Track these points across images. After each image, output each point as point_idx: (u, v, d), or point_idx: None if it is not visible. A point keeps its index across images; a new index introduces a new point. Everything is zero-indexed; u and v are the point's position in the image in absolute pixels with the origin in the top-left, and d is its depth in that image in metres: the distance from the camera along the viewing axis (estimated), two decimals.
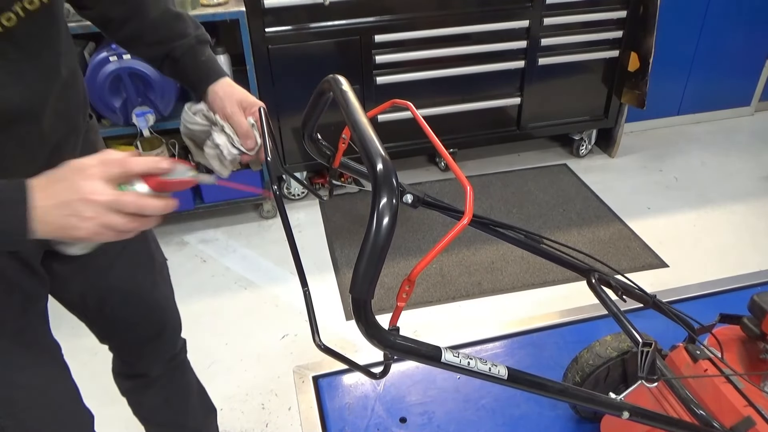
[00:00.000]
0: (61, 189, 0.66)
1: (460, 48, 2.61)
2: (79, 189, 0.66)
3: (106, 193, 0.67)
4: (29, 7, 0.75)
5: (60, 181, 0.67)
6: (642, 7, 2.68)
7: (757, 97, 3.52)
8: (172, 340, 1.29)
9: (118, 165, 0.68)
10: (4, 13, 0.72)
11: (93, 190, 0.66)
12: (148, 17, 0.97)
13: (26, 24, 0.75)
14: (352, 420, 1.77)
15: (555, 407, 1.78)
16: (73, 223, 0.66)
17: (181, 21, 0.99)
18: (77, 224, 0.66)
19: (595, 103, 2.99)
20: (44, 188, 0.67)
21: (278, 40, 2.39)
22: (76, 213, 0.66)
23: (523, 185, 2.94)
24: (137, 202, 0.68)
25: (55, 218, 0.66)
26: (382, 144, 0.66)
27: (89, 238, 0.68)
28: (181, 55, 0.98)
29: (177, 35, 0.98)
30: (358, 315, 0.64)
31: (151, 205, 0.69)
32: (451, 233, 0.64)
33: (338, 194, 2.85)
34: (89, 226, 0.66)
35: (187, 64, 0.98)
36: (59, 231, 0.67)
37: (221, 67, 1.01)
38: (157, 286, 1.19)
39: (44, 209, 0.66)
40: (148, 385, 1.31)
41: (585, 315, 2.11)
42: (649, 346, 0.99)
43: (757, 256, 2.43)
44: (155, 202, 0.69)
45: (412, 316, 2.15)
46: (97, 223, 0.67)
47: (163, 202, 0.70)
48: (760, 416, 1.20)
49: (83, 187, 0.66)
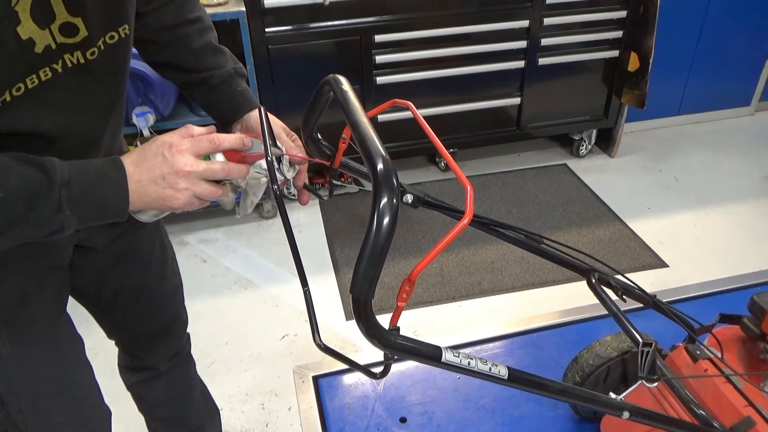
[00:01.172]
0: (155, 164, 0.73)
1: (460, 48, 2.61)
2: (174, 163, 0.73)
3: (197, 165, 0.74)
4: (110, 41, 0.80)
5: (153, 157, 0.74)
6: (642, 7, 2.67)
7: (757, 97, 3.52)
8: (180, 334, 1.31)
9: (208, 141, 0.76)
10: (90, 48, 0.77)
11: (186, 162, 0.73)
12: (191, 46, 1.00)
13: (104, 56, 0.80)
14: (352, 420, 1.77)
15: (555, 407, 1.78)
16: (170, 194, 0.74)
17: (222, 54, 1.03)
18: (174, 195, 0.74)
19: (595, 103, 2.99)
20: (139, 164, 0.74)
21: (278, 40, 2.39)
22: (173, 185, 0.74)
23: (523, 185, 2.94)
24: (225, 168, 0.76)
25: (154, 191, 0.74)
26: (383, 144, 0.66)
27: (184, 207, 0.76)
28: (219, 83, 1.00)
29: (216, 65, 1.01)
30: (359, 315, 0.64)
31: (236, 170, 0.78)
32: (451, 233, 0.64)
33: (338, 194, 2.85)
34: (185, 196, 0.74)
35: (223, 92, 1.01)
36: (157, 202, 0.75)
37: (255, 99, 1.03)
38: (168, 280, 1.21)
39: (141, 183, 0.73)
40: (154, 379, 1.32)
41: (585, 315, 2.11)
42: (649, 346, 0.99)
43: (757, 256, 2.43)
44: (239, 167, 0.78)
45: (412, 316, 2.15)
46: (192, 192, 0.75)
47: (243, 167, 0.79)
48: (760, 416, 1.20)
49: (177, 162, 0.73)
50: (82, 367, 1.05)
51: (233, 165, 0.78)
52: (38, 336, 0.94)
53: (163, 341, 1.27)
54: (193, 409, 1.44)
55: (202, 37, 1.01)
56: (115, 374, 1.34)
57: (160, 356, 1.29)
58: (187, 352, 1.37)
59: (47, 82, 0.73)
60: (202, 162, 0.75)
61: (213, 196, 0.77)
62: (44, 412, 0.98)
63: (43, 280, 0.93)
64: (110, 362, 1.32)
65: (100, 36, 0.78)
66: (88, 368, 1.07)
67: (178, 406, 1.41)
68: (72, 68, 0.76)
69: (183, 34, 0.99)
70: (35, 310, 0.93)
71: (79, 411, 1.05)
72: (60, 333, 1.00)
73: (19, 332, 0.91)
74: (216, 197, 0.79)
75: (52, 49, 0.72)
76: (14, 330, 0.91)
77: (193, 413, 1.44)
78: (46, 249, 0.91)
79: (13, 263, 0.88)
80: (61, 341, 1.00)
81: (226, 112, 1.01)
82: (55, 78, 0.74)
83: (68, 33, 0.73)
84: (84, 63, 0.77)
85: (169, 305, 1.24)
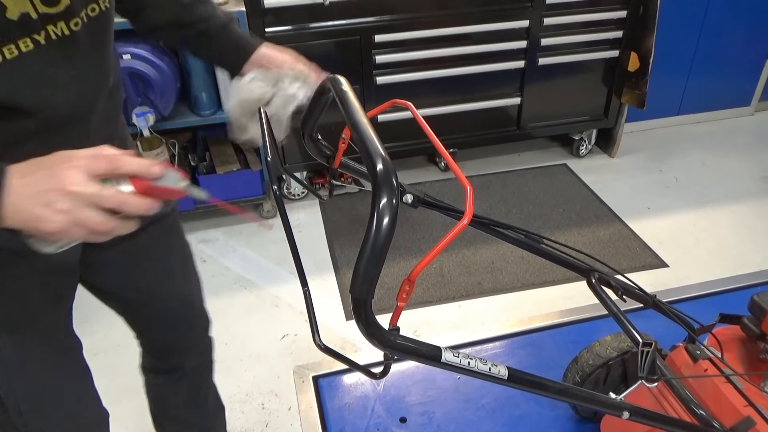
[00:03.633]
0: (40, 177, 0.63)
1: (460, 48, 2.61)
2: (59, 179, 0.62)
3: (86, 186, 0.62)
4: (91, 13, 0.79)
5: (42, 169, 0.63)
6: (642, 7, 2.67)
7: (757, 97, 3.52)
8: (203, 336, 1.31)
9: (107, 161, 0.64)
10: (73, 19, 0.76)
11: (73, 181, 0.62)
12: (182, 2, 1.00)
13: (88, 29, 0.79)
14: (352, 420, 1.77)
15: (555, 407, 1.78)
16: (45, 214, 0.62)
17: (209, 4, 1.03)
18: (48, 216, 0.62)
19: (595, 103, 2.99)
20: (24, 175, 0.63)
21: (278, 40, 2.36)
22: (50, 203, 0.61)
23: (523, 185, 2.94)
24: (118, 197, 0.64)
25: (27, 207, 0.62)
26: (382, 144, 0.66)
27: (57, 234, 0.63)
28: (216, 33, 1.00)
29: (208, 15, 1.01)
30: (359, 315, 0.64)
31: (132, 203, 0.65)
32: (451, 233, 0.64)
33: (338, 194, 2.85)
34: (60, 219, 0.62)
35: (223, 40, 1.01)
36: (29, 222, 0.63)
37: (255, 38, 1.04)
38: (188, 280, 1.21)
39: (18, 197, 0.62)
40: (176, 381, 1.32)
41: (585, 315, 2.11)
42: (649, 346, 0.99)
43: (757, 256, 2.43)
44: (137, 201, 0.65)
45: (412, 316, 2.15)
46: (71, 218, 0.62)
47: (146, 202, 0.66)
48: (760, 416, 1.20)
49: (64, 178, 0.62)
50: (81, 370, 1.05)
51: (131, 197, 0.65)
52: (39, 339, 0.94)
53: (185, 343, 1.28)
54: (206, 413, 1.44)
55: None
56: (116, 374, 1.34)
57: (184, 358, 1.29)
58: (209, 355, 1.37)
59: (29, 53, 0.71)
60: (94, 184, 0.63)
61: (103, 228, 0.64)
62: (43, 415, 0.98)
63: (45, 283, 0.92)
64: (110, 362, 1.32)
65: (82, 7, 0.77)
66: (86, 371, 1.06)
67: (194, 408, 1.41)
68: (56, 41, 0.74)
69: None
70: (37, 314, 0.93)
71: (77, 414, 1.04)
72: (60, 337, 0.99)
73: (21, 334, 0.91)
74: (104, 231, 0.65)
75: (33, 19, 0.71)
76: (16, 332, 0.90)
77: (204, 417, 1.45)
78: None
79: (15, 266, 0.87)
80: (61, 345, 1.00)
81: (234, 60, 1.02)
82: (38, 50, 0.72)
83: (50, 1, 0.72)
84: (69, 35, 0.76)
85: (189, 306, 1.24)
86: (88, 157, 0.64)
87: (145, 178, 0.67)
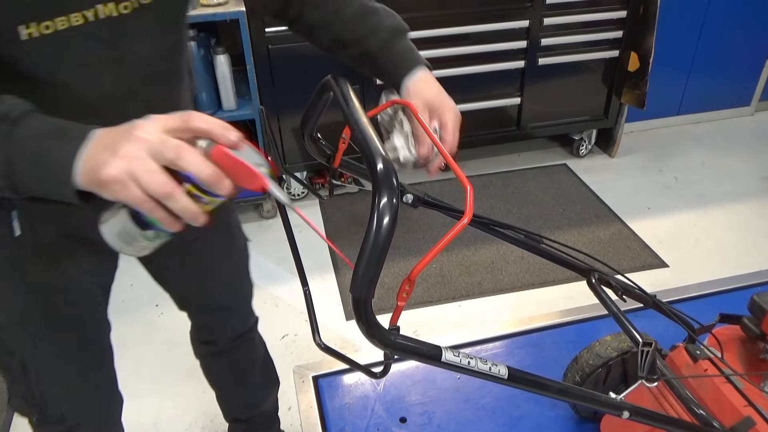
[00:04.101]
0: (118, 130, 0.59)
1: (460, 48, 2.61)
2: (134, 127, 0.58)
3: (155, 134, 0.57)
4: (144, 0, 0.77)
5: (125, 125, 0.59)
6: (642, 7, 2.67)
7: (757, 97, 3.52)
8: (244, 316, 1.35)
9: (180, 115, 0.59)
10: (123, 2, 0.75)
11: (145, 128, 0.57)
12: (344, 17, 0.94)
13: (138, 14, 0.77)
14: (352, 420, 1.77)
15: (555, 407, 1.78)
16: (104, 159, 0.56)
17: (375, 15, 0.95)
18: (106, 161, 0.56)
19: (595, 103, 2.99)
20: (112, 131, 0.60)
21: (278, 40, 2.39)
22: (113, 148, 0.57)
23: (523, 185, 2.94)
24: (181, 148, 0.56)
25: (95, 152, 0.58)
26: (383, 144, 0.66)
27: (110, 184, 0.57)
28: (377, 51, 0.93)
29: (370, 31, 0.93)
30: (359, 315, 0.64)
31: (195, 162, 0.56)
32: (451, 233, 0.64)
33: (338, 194, 2.85)
34: (119, 165, 0.56)
35: (382, 61, 0.93)
36: (93, 171, 0.57)
37: (418, 58, 0.94)
38: (234, 265, 1.23)
39: (93, 145, 0.59)
40: (216, 355, 1.38)
41: (585, 315, 2.11)
42: (649, 346, 0.99)
43: (757, 256, 2.43)
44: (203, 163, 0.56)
45: (412, 315, 2.15)
46: (127, 167, 0.55)
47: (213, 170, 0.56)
48: (760, 416, 1.20)
49: (138, 126, 0.58)
50: (105, 352, 1.08)
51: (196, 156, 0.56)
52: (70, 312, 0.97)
53: (225, 321, 1.31)
54: (250, 387, 1.48)
55: (353, 3, 0.95)
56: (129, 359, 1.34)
57: (223, 335, 1.33)
58: (251, 336, 1.40)
59: (77, 28, 0.71)
60: (161, 133, 0.57)
61: (159, 189, 0.56)
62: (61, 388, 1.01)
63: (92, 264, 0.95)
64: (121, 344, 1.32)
65: None
66: (109, 354, 1.09)
67: (236, 382, 1.46)
68: (103, 20, 0.74)
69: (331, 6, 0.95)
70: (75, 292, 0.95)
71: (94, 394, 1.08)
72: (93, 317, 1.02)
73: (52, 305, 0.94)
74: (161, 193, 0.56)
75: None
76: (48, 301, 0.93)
77: (250, 390, 1.49)
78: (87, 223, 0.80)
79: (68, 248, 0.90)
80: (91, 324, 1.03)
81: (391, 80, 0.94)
82: (85, 26, 0.72)
83: None
84: (117, 17, 0.75)
85: (230, 286, 1.26)
86: (165, 115, 0.60)
87: (217, 139, 0.59)
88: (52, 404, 1.02)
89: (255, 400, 1.51)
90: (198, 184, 0.57)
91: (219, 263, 1.18)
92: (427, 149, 0.88)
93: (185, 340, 1.40)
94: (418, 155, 0.87)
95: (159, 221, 0.59)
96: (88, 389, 1.06)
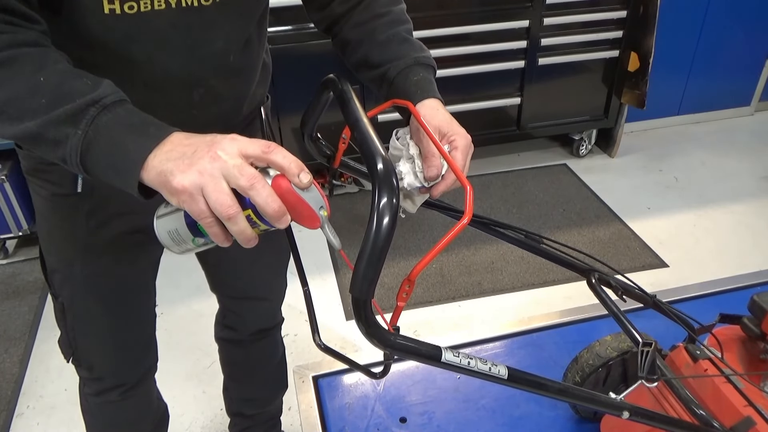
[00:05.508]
0: (200, 140, 0.61)
1: (460, 48, 2.61)
2: (215, 143, 0.60)
3: (233, 158, 0.59)
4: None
5: (205, 137, 0.62)
6: (642, 7, 2.67)
7: (757, 97, 3.52)
8: (270, 314, 1.38)
9: (263, 144, 0.61)
10: None
11: (224, 147, 0.59)
12: (377, 39, 0.95)
13: (217, 7, 0.80)
14: (352, 420, 1.77)
15: (555, 407, 1.78)
16: (179, 166, 0.58)
17: (407, 44, 0.95)
18: (181, 168, 0.58)
19: (595, 103, 2.99)
20: (189, 136, 0.62)
21: (278, 40, 2.39)
22: (191, 158, 0.59)
23: (523, 185, 2.94)
24: (254, 178, 0.58)
25: (173, 157, 0.60)
26: (383, 144, 0.66)
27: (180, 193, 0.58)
28: (395, 76, 0.92)
29: (396, 56, 0.93)
30: (359, 315, 0.64)
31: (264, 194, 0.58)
32: (451, 233, 0.64)
33: (338, 194, 2.85)
34: (190, 177, 0.58)
35: (398, 85, 0.92)
36: (164, 174, 0.59)
37: (434, 91, 0.92)
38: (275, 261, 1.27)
39: (173, 146, 0.61)
40: (235, 344, 1.41)
41: (585, 315, 2.11)
42: (649, 346, 1.00)
43: (757, 256, 2.43)
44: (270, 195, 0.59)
45: (412, 315, 2.15)
46: (200, 180, 0.58)
47: (277, 204, 0.59)
48: (760, 416, 1.20)
49: (218, 143, 0.60)
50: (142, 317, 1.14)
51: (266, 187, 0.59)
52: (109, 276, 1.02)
53: (253, 312, 1.34)
54: (260, 384, 1.50)
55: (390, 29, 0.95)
56: None
57: (247, 325, 1.35)
58: (272, 334, 1.42)
59: (159, 11, 0.75)
60: (238, 158, 0.59)
61: (221, 209, 0.58)
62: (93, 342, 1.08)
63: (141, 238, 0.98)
64: None
65: None
66: (146, 319, 1.15)
67: (247, 375, 1.48)
68: (184, 8, 0.77)
69: (370, 27, 0.95)
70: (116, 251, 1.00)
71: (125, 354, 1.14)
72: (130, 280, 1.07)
73: (92, 265, 1.00)
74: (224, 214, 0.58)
75: None
76: (89, 261, 0.99)
77: (259, 387, 1.51)
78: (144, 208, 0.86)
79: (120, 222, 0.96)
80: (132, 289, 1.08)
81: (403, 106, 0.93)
82: (166, 11, 0.75)
83: None
84: (197, 6, 0.78)
85: (268, 279, 1.29)
86: (247, 139, 0.62)
87: (290, 178, 0.61)
88: (84, 353, 1.09)
89: (262, 398, 1.52)
90: (258, 212, 0.60)
91: (264, 256, 1.19)
92: (435, 171, 0.86)
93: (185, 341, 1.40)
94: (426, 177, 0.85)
95: (212, 235, 0.62)
96: (119, 349, 1.12)
